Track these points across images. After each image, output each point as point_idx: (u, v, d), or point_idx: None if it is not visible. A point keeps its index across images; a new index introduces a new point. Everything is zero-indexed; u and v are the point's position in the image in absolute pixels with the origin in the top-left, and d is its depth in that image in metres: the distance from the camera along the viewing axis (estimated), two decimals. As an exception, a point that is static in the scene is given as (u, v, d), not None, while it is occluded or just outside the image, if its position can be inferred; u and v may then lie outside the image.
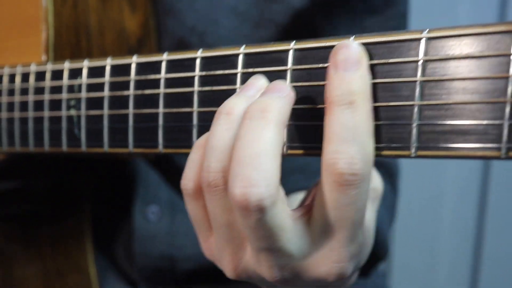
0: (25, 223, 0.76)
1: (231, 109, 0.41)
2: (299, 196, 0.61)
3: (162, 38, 0.76)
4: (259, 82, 0.43)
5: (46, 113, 0.61)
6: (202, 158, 0.43)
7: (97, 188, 0.83)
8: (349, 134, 0.37)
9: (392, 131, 0.38)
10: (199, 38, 0.73)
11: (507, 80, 0.34)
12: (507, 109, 0.34)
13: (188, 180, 0.44)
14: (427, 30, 0.37)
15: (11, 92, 0.65)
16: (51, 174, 0.78)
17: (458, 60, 0.36)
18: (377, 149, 0.39)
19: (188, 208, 0.46)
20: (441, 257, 1.59)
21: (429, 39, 0.37)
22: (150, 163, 0.81)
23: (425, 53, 0.37)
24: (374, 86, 0.39)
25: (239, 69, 0.45)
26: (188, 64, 0.49)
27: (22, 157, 0.70)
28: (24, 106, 0.63)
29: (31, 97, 0.62)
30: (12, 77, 0.65)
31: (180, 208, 0.80)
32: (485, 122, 0.34)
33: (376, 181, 0.54)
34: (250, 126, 0.38)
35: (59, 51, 0.66)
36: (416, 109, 0.37)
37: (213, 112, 0.46)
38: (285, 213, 0.39)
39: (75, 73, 0.58)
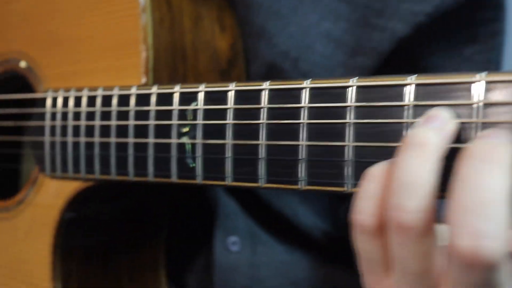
0: (104, 255, 0.71)
1: (425, 140, 0.37)
2: None
3: (251, 61, 0.72)
4: (443, 114, 0.39)
5: (151, 140, 0.56)
6: (382, 191, 0.39)
7: (172, 216, 0.79)
8: None
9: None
10: (292, 63, 0.69)
11: None
12: None
13: (366, 215, 0.39)
14: None
15: (105, 116, 0.61)
16: (129, 199, 0.74)
17: None
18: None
19: (361, 245, 0.41)
20: None
21: None
22: (227, 192, 0.77)
23: None
24: None
25: (406, 101, 0.41)
26: (340, 93, 0.45)
27: (105, 184, 0.66)
28: (122, 130, 0.59)
29: (131, 122, 0.58)
30: (106, 99, 0.61)
31: (261, 240, 0.76)
32: None
33: None
34: (477, 169, 0.33)
35: (158, 74, 0.62)
36: None
37: (373, 148, 0.42)
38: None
39: (188, 98, 0.54)
